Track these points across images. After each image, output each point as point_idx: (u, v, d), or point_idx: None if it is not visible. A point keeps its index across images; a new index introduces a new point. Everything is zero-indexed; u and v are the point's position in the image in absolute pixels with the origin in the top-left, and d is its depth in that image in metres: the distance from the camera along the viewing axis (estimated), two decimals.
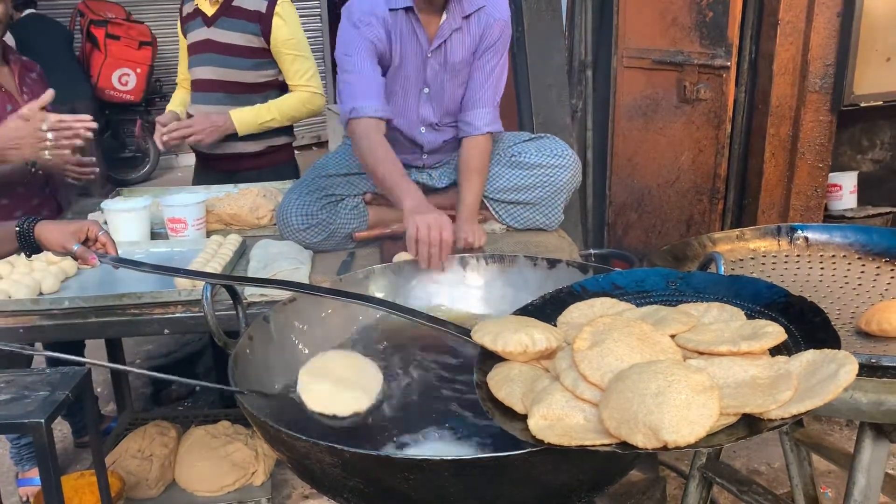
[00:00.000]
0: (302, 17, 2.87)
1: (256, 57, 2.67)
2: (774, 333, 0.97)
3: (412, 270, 1.59)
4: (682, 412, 0.83)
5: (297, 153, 3.01)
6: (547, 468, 0.92)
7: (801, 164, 2.84)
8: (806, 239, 1.73)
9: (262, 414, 1.04)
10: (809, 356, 0.93)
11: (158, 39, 6.94)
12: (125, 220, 2.21)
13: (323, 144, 7.86)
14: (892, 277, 1.58)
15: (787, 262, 1.71)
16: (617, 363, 0.94)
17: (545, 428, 0.89)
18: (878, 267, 1.62)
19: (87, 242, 1.55)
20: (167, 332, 1.80)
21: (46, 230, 1.54)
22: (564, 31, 3.22)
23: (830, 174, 2.94)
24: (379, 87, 1.99)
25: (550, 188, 2.18)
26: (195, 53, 2.73)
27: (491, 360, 1.08)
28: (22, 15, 5.58)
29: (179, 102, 2.86)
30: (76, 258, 1.55)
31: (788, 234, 1.75)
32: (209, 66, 2.69)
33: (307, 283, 1.79)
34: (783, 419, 0.84)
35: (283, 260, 1.91)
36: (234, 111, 2.64)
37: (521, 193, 2.18)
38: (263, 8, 2.62)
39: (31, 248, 1.56)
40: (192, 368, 3.62)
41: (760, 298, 1.12)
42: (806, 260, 1.70)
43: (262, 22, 2.62)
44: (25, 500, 2.62)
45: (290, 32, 2.65)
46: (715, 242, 1.74)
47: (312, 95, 2.73)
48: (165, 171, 7.68)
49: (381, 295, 1.51)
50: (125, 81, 6.70)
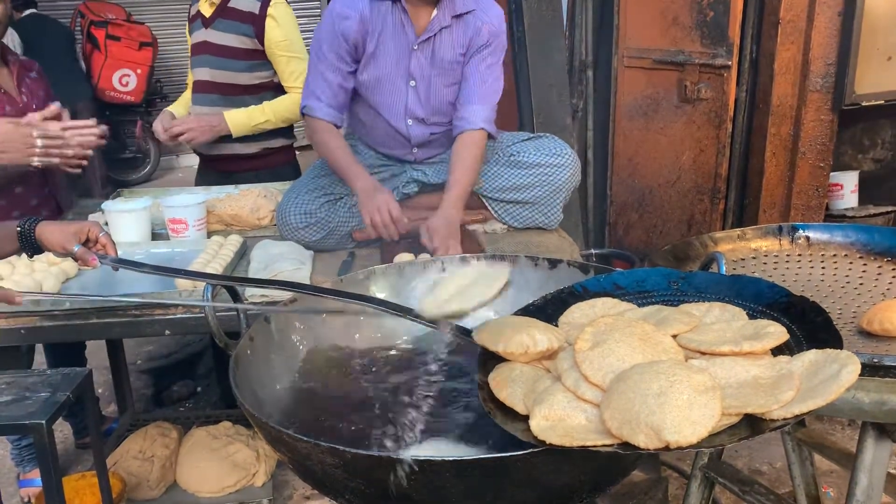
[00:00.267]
0: (301, 17, 2.86)
1: (251, 58, 2.65)
2: (776, 333, 0.97)
3: (413, 271, 1.59)
4: (683, 412, 0.82)
5: (297, 154, 3.00)
6: (549, 469, 0.92)
7: (802, 163, 2.84)
8: (807, 238, 1.73)
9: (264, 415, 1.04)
10: (811, 356, 0.93)
11: (159, 40, 6.94)
12: (126, 220, 2.20)
13: None
14: (893, 277, 1.57)
15: (788, 261, 1.70)
16: (618, 363, 0.94)
17: (547, 428, 0.89)
18: (879, 266, 1.62)
19: (87, 243, 1.54)
20: (168, 332, 1.80)
21: (47, 231, 1.54)
22: (565, 30, 3.21)
23: (832, 173, 2.94)
24: (335, 93, 2.11)
25: (549, 187, 2.18)
26: (195, 55, 2.73)
27: (492, 360, 1.08)
28: (23, 15, 5.57)
29: (182, 103, 2.86)
30: (77, 259, 1.54)
31: (790, 233, 1.74)
32: (206, 67, 2.69)
33: (308, 283, 1.79)
34: (785, 419, 0.84)
35: (283, 260, 1.91)
36: (227, 112, 2.63)
37: (520, 193, 2.19)
38: (256, 9, 2.60)
39: (32, 248, 1.56)
40: (193, 369, 3.62)
41: (762, 298, 1.12)
42: (807, 259, 1.70)
43: (255, 23, 2.60)
44: (27, 501, 2.62)
45: (283, 34, 2.63)
46: (716, 242, 1.74)
47: None
48: (166, 171, 7.68)
49: (381, 295, 1.50)
50: (125, 82, 6.71)
